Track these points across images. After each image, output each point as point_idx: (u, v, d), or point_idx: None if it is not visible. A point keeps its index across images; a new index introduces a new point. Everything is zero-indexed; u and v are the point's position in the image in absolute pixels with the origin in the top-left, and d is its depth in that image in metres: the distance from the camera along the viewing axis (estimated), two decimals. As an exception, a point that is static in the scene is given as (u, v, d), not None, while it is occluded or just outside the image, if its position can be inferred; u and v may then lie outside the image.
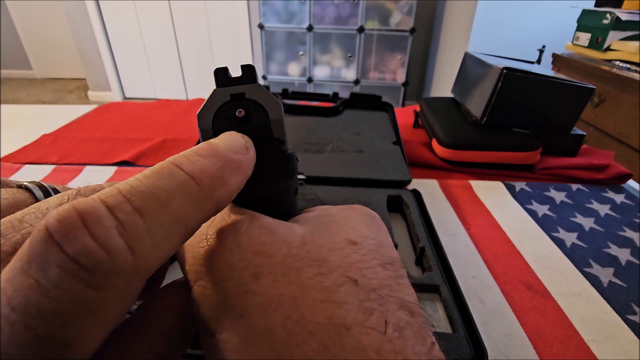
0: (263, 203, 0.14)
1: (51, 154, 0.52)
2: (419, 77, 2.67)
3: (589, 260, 0.34)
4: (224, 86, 0.13)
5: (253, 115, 0.14)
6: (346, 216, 0.15)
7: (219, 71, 0.13)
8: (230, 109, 0.13)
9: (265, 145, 0.14)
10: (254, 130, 0.13)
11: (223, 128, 0.13)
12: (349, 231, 0.13)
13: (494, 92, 0.49)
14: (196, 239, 0.13)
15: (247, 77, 0.14)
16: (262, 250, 0.12)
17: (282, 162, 0.14)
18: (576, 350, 0.25)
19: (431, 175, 0.48)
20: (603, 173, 0.48)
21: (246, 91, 0.13)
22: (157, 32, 2.61)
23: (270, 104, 0.14)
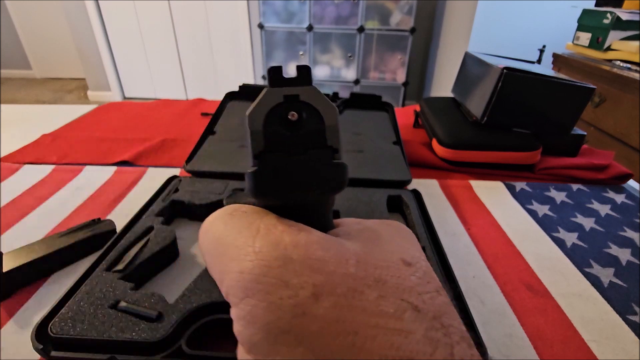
0: (305, 214, 0.14)
1: (51, 153, 0.52)
2: (419, 77, 2.67)
3: (589, 260, 0.34)
4: (277, 86, 0.13)
5: (307, 119, 0.13)
6: (390, 233, 0.14)
7: (273, 70, 0.13)
8: (283, 111, 0.13)
9: (317, 153, 0.13)
10: (306, 135, 0.13)
11: (275, 131, 0.12)
12: (400, 250, 0.13)
13: (494, 92, 0.49)
14: (240, 250, 0.11)
15: (302, 78, 0.13)
16: (320, 268, 0.11)
17: (334, 172, 0.13)
18: (576, 350, 0.25)
19: (431, 175, 0.48)
20: (603, 173, 0.48)
21: (301, 93, 0.13)
22: (157, 32, 2.61)
23: (326, 109, 0.13)
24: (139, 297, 0.25)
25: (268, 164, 0.13)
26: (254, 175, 0.13)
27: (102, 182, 0.45)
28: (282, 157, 0.13)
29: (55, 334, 0.23)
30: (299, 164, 0.13)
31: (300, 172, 0.13)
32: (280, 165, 0.13)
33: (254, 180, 0.13)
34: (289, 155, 0.13)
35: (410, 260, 0.12)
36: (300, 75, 0.13)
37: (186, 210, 0.38)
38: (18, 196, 0.41)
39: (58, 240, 0.31)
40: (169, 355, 0.22)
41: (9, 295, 0.28)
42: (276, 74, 0.13)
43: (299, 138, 0.13)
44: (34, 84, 3.31)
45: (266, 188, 0.13)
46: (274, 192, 0.13)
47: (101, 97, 2.88)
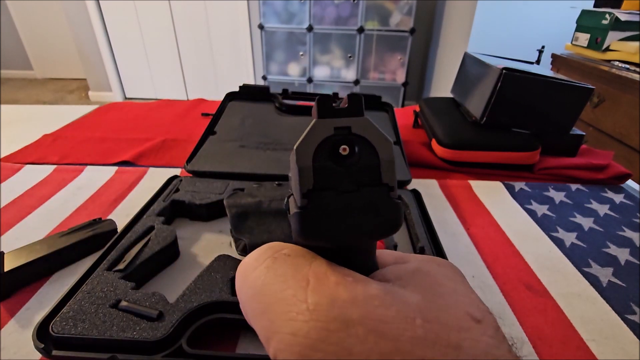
0: (352, 255, 0.12)
1: (52, 154, 0.52)
2: (419, 77, 2.67)
3: (588, 260, 0.34)
4: (327, 117, 0.12)
5: (359, 153, 0.12)
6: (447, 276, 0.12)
7: (322, 100, 0.12)
8: (334, 144, 0.11)
9: (371, 191, 0.11)
10: (359, 171, 0.12)
11: (324, 167, 0.11)
12: (465, 300, 0.11)
13: (494, 92, 0.49)
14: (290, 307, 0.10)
15: (353, 109, 0.12)
16: (385, 331, 0.09)
17: (389, 211, 0.12)
18: (576, 350, 0.25)
19: (431, 175, 0.49)
20: (602, 173, 0.48)
21: (352, 125, 0.12)
22: (157, 33, 2.61)
23: (380, 142, 0.12)
24: (140, 297, 0.25)
25: (318, 203, 0.11)
26: (300, 215, 0.11)
27: (103, 182, 0.45)
28: (332, 194, 0.11)
29: (57, 333, 0.23)
30: (351, 204, 0.11)
31: (353, 213, 0.11)
32: (332, 204, 0.11)
33: (303, 221, 0.11)
34: (341, 193, 0.11)
35: (479, 315, 0.11)
36: (351, 105, 0.12)
37: (187, 210, 0.38)
38: (19, 196, 0.41)
39: (59, 240, 0.31)
40: (169, 355, 0.22)
41: (10, 295, 0.28)
42: (325, 104, 0.12)
43: (351, 174, 0.11)
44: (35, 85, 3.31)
45: (316, 230, 0.11)
46: (323, 235, 0.11)
47: (102, 98, 2.88)
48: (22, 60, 3.38)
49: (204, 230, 0.36)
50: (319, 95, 0.12)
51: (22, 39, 3.26)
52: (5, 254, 0.29)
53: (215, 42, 2.61)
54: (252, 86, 0.60)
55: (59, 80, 3.43)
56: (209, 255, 0.33)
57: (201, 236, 0.36)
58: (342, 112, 0.12)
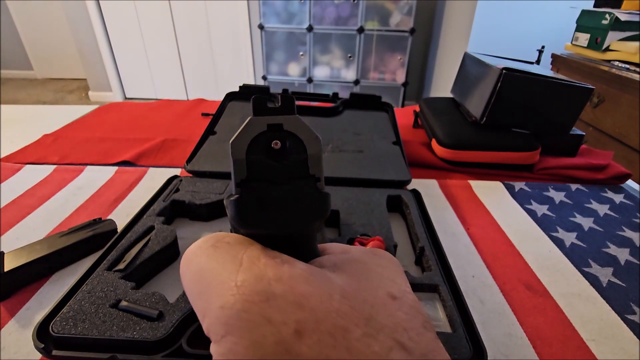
0: (289, 243, 0.13)
1: (52, 154, 0.52)
2: (419, 78, 2.67)
3: (588, 260, 0.34)
4: (260, 115, 0.13)
5: (290, 148, 0.13)
6: (379, 264, 0.14)
7: (257, 99, 0.13)
8: (266, 140, 0.13)
9: (299, 182, 0.13)
10: (289, 164, 0.13)
11: (257, 159, 0.13)
12: (388, 283, 0.13)
13: (494, 92, 0.49)
14: (223, 285, 0.11)
15: (286, 108, 0.13)
16: (304, 303, 0.10)
17: (316, 201, 0.13)
18: (576, 350, 0.25)
19: (431, 175, 0.49)
20: (602, 173, 0.48)
21: (284, 122, 0.13)
22: (157, 33, 2.61)
23: (309, 138, 0.13)
24: (140, 297, 0.25)
25: (250, 193, 0.12)
26: (235, 203, 0.12)
27: (103, 182, 0.45)
28: (264, 185, 0.13)
29: (57, 333, 0.23)
30: (281, 193, 0.13)
31: (283, 202, 0.13)
32: (263, 194, 0.12)
33: (236, 208, 0.12)
34: (272, 184, 0.13)
35: (397, 294, 0.12)
36: (284, 104, 0.13)
37: (187, 210, 0.38)
38: (19, 196, 0.41)
39: (59, 240, 0.31)
40: (169, 354, 0.22)
41: (10, 295, 0.28)
42: (260, 103, 0.13)
43: (282, 167, 0.13)
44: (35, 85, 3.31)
45: (248, 217, 0.12)
46: (255, 222, 0.13)
47: (102, 98, 2.88)
48: (22, 60, 3.38)
49: (204, 230, 0.36)
50: (254, 95, 0.13)
51: (22, 39, 3.26)
52: (5, 254, 0.29)
53: (215, 42, 2.61)
54: (252, 86, 0.60)
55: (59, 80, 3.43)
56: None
57: (201, 236, 0.35)
58: (275, 111, 0.13)
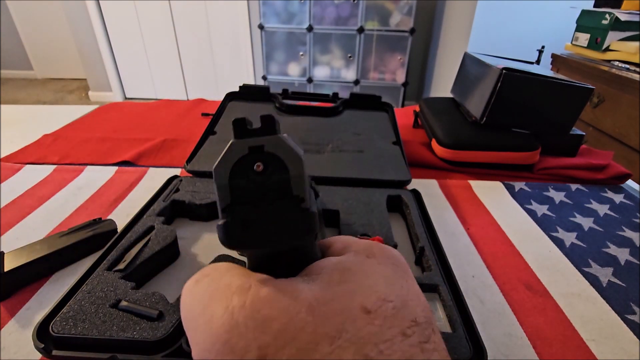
0: (281, 259, 0.14)
1: (52, 154, 0.52)
2: (419, 78, 2.67)
3: (588, 260, 0.34)
4: (242, 137, 0.13)
5: (272, 169, 0.13)
6: (364, 271, 0.13)
7: (237, 122, 0.13)
8: (249, 162, 0.13)
9: (283, 203, 0.13)
10: (272, 186, 0.13)
11: (241, 184, 0.13)
12: (364, 294, 0.12)
13: (494, 92, 0.49)
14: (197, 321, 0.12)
15: (266, 129, 0.13)
16: (266, 327, 0.10)
17: (301, 220, 0.13)
18: (575, 349, 0.25)
19: (431, 175, 0.49)
20: (602, 173, 0.48)
21: (266, 144, 0.13)
22: (157, 32, 2.61)
23: (290, 158, 0.13)
24: (140, 297, 0.25)
25: (235, 217, 0.13)
26: (223, 228, 0.13)
27: (103, 182, 0.45)
28: (248, 208, 0.13)
29: (57, 333, 0.23)
30: (265, 215, 0.13)
31: (267, 223, 0.13)
32: (247, 217, 0.13)
33: (223, 233, 0.13)
34: (255, 207, 0.13)
35: (370, 307, 0.12)
36: (264, 125, 0.13)
37: (187, 210, 0.38)
38: (19, 196, 0.41)
39: (59, 240, 0.31)
40: (169, 355, 0.22)
41: (10, 295, 0.28)
42: (240, 126, 0.13)
43: (264, 189, 0.13)
44: (35, 85, 3.31)
45: (235, 240, 0.13)
46: (243, 244, 0.13)
47: (102, 98, 2.88)
48: (22, 60, 3.38)
49: (204, 230, 0.36)
50: (234, 119, 0.13)
51: (22, 39, 3.26)
52: (5, 254, 0.29)
53: (215, 42, 2.61)
54: (252, 86, 0.60)
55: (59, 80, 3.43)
56: (209, 255, 0.33)
57: (201, 236, 0.36)
58: (256, 132, 0.13)
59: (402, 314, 0.12)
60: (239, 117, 0.13)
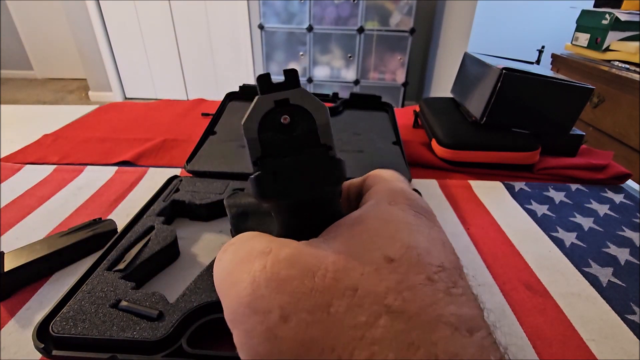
0: (309, 209, 0.14)
1: (52, 154, 0.52)
2: (419, 77, 2.67)
3: (588, 260, 0.34)
4: (266, 93, 0.13)
5: (299, 121, 0.13)
6: (386, 220, 0.13)
7: (261, 78, 0.13)
8: (275, 116, 0.13)
9: (312, 151, 0.13)
10: (300, 136, 0.13)
11: (270, 137, 0.13)
12: (387, 243, 0.12)
13: (494, 92, 0.49)
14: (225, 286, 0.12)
15: (290, 82, 0.13)
16: (284, 287, 0.11)
17: (331, 167, 0.13)
18: (575, 350, 0.25)
19: (431, 175, 0.49)
20: (602, 173, 0.48)
21: (290, 97, 0.13)
22: (157, 32, 2.61)
23: (316, 109, 0.13)
24: (140, 297, 0.25)
25: (267, 168, 0.13)
26: (255, 180, 0.13)
27: (103, 182, 0.45)
28: (278, 159, 0.13)
29: (57, 333, 0.23)
30: (295, 164, 0.13)
31: (297, 172, 0.13)
32: (278, 167, 0.13)
33: (256, 185, 0.13)
34: (285, 157, 0.13)
35: (393, 255, 0.11)
36: (287, 79, 0.13)
37: (187, 210, 0.38)
38: (19, 196, 0.41)
39: (59, 240, 0.31)
40: (169, 354, 0.22)
41: (10, 295, 0.28)
42: (265, 81, 0.13)
43: (293, 140, 0.13)
44: (35, 85, 3.31)
45: (268, 191, 0.13)
46: (276, 194, 0.13)
47: (102, 98, 2.88)
48: (22, 60, 3.38)
49: (204, 230, 0.36)
50: (258, 75, 0.13)
51: (22, 39, 3.26)
52: (5, 254, 0.29)
53: (215, 42, 2.61)
54: (252, 86, 0.60)
55: (59, 80, 3.43)
56: (209, 255, 0.33)
57: (201, 236, 0.36)
58: (280, 87, 0.13)
59: (427, 259, 0.11)
60: (263, 73, 0.13)
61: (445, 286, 0.11)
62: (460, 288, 0.11)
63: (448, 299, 0.10)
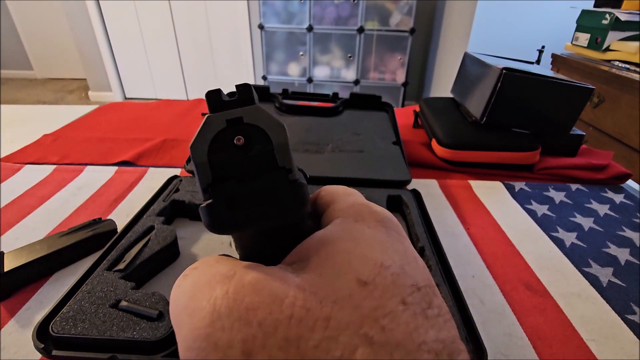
0: (272, 236, 0.13)
1: (52, 154, 0.52)
2: (419, 77, 2.67)
3: (588, 260, 0.34)
4: (218, 110, 0.12)
5: (254, 141, 0.12)
6: (355, 239, 0.12)
7: (210, 94, 0.12)
8: (228, 136, 0.12)
9: (269, 175, 0.12)
10: (256, 159, 0.12)
11: (221, 160, 0.12)
12: (357, 265, 0.11)
13: (494, 92, 0.49)
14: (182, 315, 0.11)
15: (243, 99, 0.12)
16: (250, 317, 0.09)
17: (290, 192, 0.12)
18: (575, 350, 0.25)
19: (431, 175, 0.49)
20: (602, 173, 0.48)
21: (244, 115, 0.12)
22: (157, 32, 2.61)
23: (272, 127, 0.12)
24: (140, 297, 0.25)
25: (219, 196, 0.12)
26: (207, 209, 0.12)
27: (103, 182, 0.45)
28: (233, 185, 0.12)
29: (57, 333, 0.23)
30: (251, 191, 0.12)
31: (254, 199, 0.12)
32: (232, 194, 0.12)
33: (208, 215, 0.12)
34: (240, 182, 0.12)
35: (366, 278, 0.10)
36: (240, 95, 0.12)
37: (187, 210, 0.38)
38: (19, 196, 0.41)
39: (59, 240, 0.31)
40: (169, 355, 0.22)
41: (10, 295, 0.28)
42: (215, 98, 0.12)
43: (248, 162, 0.12)
44: (35, 85, 3.31)
45: (221, 221, 0.12)
46: (230, 224, 0.12)
47: (102, 98, 2.88)
48: (22, 60, 3.38)
49: (204, 230, 0.36)
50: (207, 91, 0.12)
51: (22, 39, 3.27)
52: (5, 254, 0.29)
53: (215, 42, 2.61)
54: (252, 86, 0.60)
55: (59, 80, 3.43)
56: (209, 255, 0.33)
57: (201, 236, 0.36)
58: (232, 104, 0.12)
59: (401, 280, 0.11)
60: (213, 89, 0.12)
61: (421, 308, 0.10)
62: (436, 308, 0.10)
63: (427, 323, 0.10)
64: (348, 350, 0.09)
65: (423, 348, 0.09)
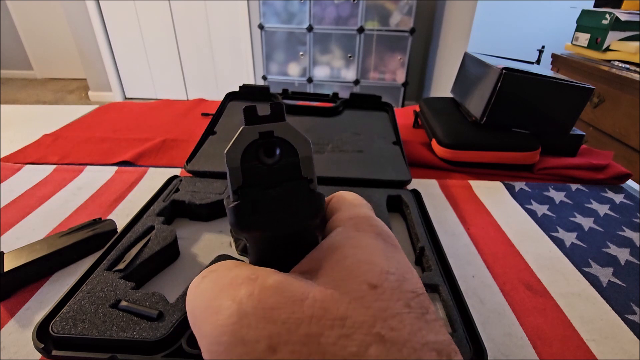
0: (287, 241, 0.14)
1: (52, 154, 0.52)
2: (419, 77, 2.67)
3: (588, 260, 0.34)
4: (252, 124, 0.13)
5: (282, 153, 0.14)
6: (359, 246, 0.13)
7: (247, 109, 0.13)
8: (259, 147, 0.13)
9: (293, 184, 0.13)
10: (282, 168, 0.13)
11: (251, 166, 0.13)
12: (366, 269, 0.12)
13: (494, 92, 0.49)
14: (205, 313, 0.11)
15: (275, 115, 0.14)
16: (274, 316, 0.10)
17: (310, 201, 0.14)
18: (575, 349, 0.25)
19: (431, 175, 0.49)
20: (602, 173, 0.48)
21: (275, 129, 0.13)
22: (157, 32, 2.61)
23: (299, 142, 0.14)
24: (140, 297, 0.25)
25: (246, 198, 0.13)
26: (234, 209, 0.13)
27: (103, 182, 0.45)
28: (259, 190, 0.13)
29: (57, 333, 0.23)
30: (274, 196, 0.13)
31: (276, 204, 0.13)
32: (257, 198, 0.13)
33: (234, 214, 0.13)
34: (266, 189, 0.13)
35: (376, 281, 0.11)
36: (273, 112, 0.14)
37: (187, 210, 0.38)
38: (19, 196, 0.41)
39: (59, 240, 0.31)
40: (169, 355, 0.22)
41: (10, 295, 0.28)
42: (251, 113, 0.14)
43: (274, 172, 0.13)
44: (35, 85, 3.31)
45: (244, 221, 0.13)
46: (252, 225, 0.13)
47: (102, 98, 2.88)
48: (22, 60, 3.38)
49: (204, 230, 0.36)
50: (245, 106, 0.14)
51: (22, 39, 3.26)
52: (5, 254, 0.29)
53: (215, 42, 2.61)
54: (252, 86, 0.60)
55: (59, 80, 3.43)
56: (209, 255, 0.33)
57: (201, 236, 0.36)
58: (265, 119, 0.14)
59: (404, 286, 0.12)
60: (250, 105, 0.13)
61: (421, 313, 0.11)
62: (432, 314, 0.11)
63: (427, 326, 0.11)
64: (362, 346, 0.10)
65: (427, 347, 0.10)
